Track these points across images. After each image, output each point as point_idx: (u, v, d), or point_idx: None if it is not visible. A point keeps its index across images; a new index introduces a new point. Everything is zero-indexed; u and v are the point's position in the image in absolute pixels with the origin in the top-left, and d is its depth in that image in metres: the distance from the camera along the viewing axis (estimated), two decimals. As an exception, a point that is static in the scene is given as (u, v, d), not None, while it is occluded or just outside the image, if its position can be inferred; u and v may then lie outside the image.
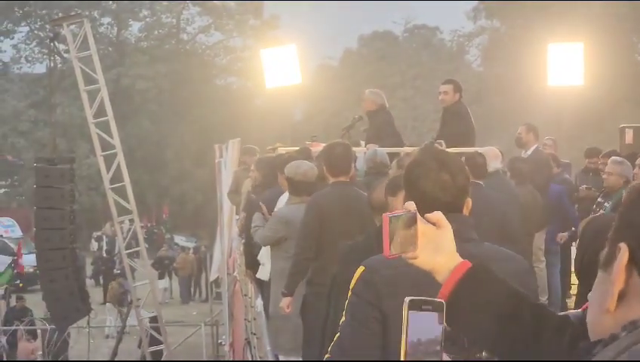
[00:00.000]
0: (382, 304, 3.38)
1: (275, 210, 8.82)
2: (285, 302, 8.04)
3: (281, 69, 16.22)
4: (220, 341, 21.35)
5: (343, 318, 3.46)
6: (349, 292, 3.49)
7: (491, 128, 42.53)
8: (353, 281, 3.49)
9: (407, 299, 2.07)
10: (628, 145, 16.97)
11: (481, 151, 10.31)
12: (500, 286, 2.28)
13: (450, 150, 10.61)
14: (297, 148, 11.82)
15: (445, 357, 2.15)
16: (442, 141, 10.69)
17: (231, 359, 16.16)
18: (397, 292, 3.33)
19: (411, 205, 2.28)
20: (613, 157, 10.54)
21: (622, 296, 1.70)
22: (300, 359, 8.00)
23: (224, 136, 22.88)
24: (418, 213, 2.35)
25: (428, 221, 2.32)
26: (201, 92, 53.45)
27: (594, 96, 33.43)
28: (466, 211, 3.64)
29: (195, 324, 24.40)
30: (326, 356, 3.52)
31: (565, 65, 17.70)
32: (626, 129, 17.74)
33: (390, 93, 53.79)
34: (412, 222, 2.33)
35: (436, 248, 2.32)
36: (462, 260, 2.36)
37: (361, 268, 3.48)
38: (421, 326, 2.05)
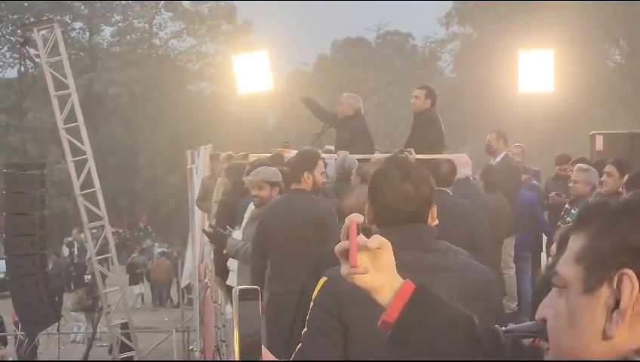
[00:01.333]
0: (343, 314, 3.37)
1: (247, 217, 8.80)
2: None
3: (253, 75, 16.18)
4: (191, 347, 21.28)
5: (305, 329, 3.45)
6: (312, 303, 3.48)
7: (463, 134, 42.58)
8: (315, 292, 3.48)
9: (236, 290, 2.04)
10: (598, 152, 17.04)
11: (451, 158, 10.32)
12: (445, 309, 2.26)
13: (419, 157, 10.68)
14: (269, 154, 11.83)
15: None
16: (412, 149, 10.70)
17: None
18: (359, 302, 3.32)
19: (358, 217, 2.24)
20: (578, 165, 10.58)
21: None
22: None
23: (197, 141, 22.79)
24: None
25: (370, 248, 2.24)
26: (173, 97, 53.26)
27: (565, 102, 33.54)
28: (430, 221, 3.64)
29: (166, 330, 24.30)
30: None
31: (536, 72, 17.78)
32: (597, 136, 17.82)
33: (363, 98, 53.43)
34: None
35: (378, 266, 2.25)
36: (403, 280, 2.30)
37: (323, 279, 3.47)
38: (248, 316, 2.02)
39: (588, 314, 1.70)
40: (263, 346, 2.08)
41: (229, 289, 9.86)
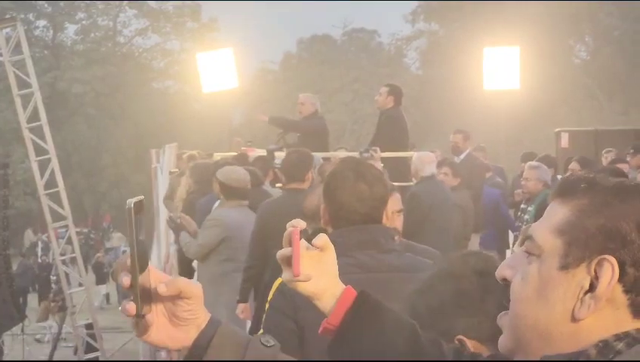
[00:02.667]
0: (299, 316, 3.36)
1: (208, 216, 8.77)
2: (240, 308, 8.13)
3: (218, 73, 16.12)
4: (157, 347, 21.19)
5: (261, 331, 3.42)
6: (267, 305, 3.46)
7: (430, 131, 42.82)
8: (271, 294, 3.47)
9: (130, 202, 1.79)
10: (564, 149, 17.17)
11: (416, 155, 10.34)
12: (387, 316, 2.21)
13: (385, 155, 10.67)
14: (234, 153, 11.81)
15: None
16: (377, 148, 10.69)
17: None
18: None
19: (300, 223, 2.18)
20: (529, 163, 10.69)
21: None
22: None
23: (162, 140, 22.67)
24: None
25: (314, 246, 2.18)
26: (138, 96, 53.05)
27: (531, 99, 33.72)
28: (386, 221, 3.63)
29: (131, 330, 24.14)
30: None
31: (501, 69, 17.82)
32: (562, 133, 17.94)
33: (329, 96, 53.97)
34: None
35: (319, 271, 2.18)
36: (344, 286, 2.23)
37: (278, 280, 3.45)
38: (140, 226, 1.79)
39: (560, 290, 1.68)
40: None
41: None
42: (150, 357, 21.76)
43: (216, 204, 8.93)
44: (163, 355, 17.64)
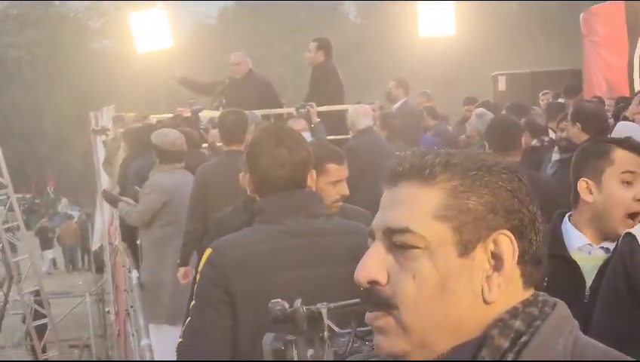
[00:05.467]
0: (229, 286, 3.36)
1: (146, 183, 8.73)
2: (181, 272, 8.08)
3: (152, 33, 15.99)
4: (107, 309, 21.12)
5: (193, 301, 3.43)
6: (198, 275, 3.46)
7: (369, 81, 42.73)
8: (201, 264, 3.47)
9: None
10: (501, 93, 17.28)
11: (352, 108, 10.34)
12: None
13: (321, 109, 10.68)
14: (171, 115, 11.76)
15: None
16: (313, 103, 10.68)
17: (117, 329, 16.02)
18: (245, 273, 3.32)
19: None
20: (475, 112, 10.62)
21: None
22: (174, 329, 8.08)
23: (102, 102, 22.47)
24: None
25: None
26: (76, 57, 52.37)
27: (469, 43, 33.75)
28: (311, 183, 3.65)
29: (80, 294, 24.08)
30: (179, 340, 3.49)
31: (436, 17, 17.84)
32: (499, 76, 18.04)
33: (268, 49, 53.64)
34: None
35: None
36: None
37: (208, 250, 3.46)
38: None
39: (465, 278, 1.59)
40: None
41: (135, 254, 9.79)
42: (99, 320, 21.77)
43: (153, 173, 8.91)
44: (112, 318, 17.65)
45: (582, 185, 3.60)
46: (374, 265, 1.63)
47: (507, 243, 1.60)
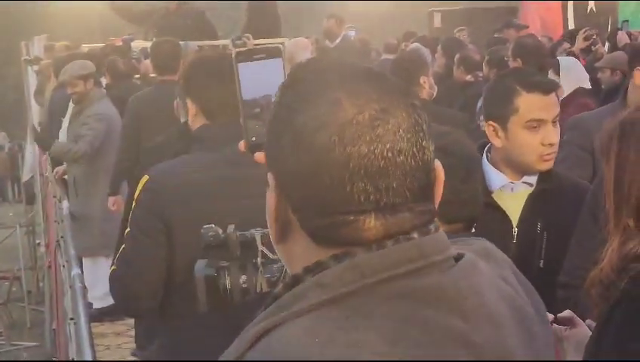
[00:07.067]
0: (166, 214, 3.29)
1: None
2: (111, 201, 8.22)
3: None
4: (38, 241, 20.95)
5: (128, 229, 3.37)
6: (134, 203, 3.40)
7: (306, 16, 42.45)
8: (137, 191, 3.39)
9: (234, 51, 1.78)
10: (437, 29, 17.33)
11: (290, 42, 10.30)
12: None
13: (257, 42, 10.61)
14: (102, 44, 11.61)
15: None
16: (249, 35, 10.60)
17: (47, 261, 15.91)
18: (181, 201, 3.27)
19: None
20: (410, 46, 10.64)
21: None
22: (104, 259, 8.14)
23: (33, 31, 22.08)
24: None
25: None
26: (6, -15, 51.32)
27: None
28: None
29: (10, 226, 23.84)
30: (111, 267, 3.44)
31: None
32: (434, 12, 18.07)
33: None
34: None
35: None
36: None
37: (145, 177, 3.38)
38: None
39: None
40: None
41: (65, 184, 9.70)
42: (30, 252, 21.61)
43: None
44: (42, 250, 17.52)
45: (489, 129, 3.55)
46: None
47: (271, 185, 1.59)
